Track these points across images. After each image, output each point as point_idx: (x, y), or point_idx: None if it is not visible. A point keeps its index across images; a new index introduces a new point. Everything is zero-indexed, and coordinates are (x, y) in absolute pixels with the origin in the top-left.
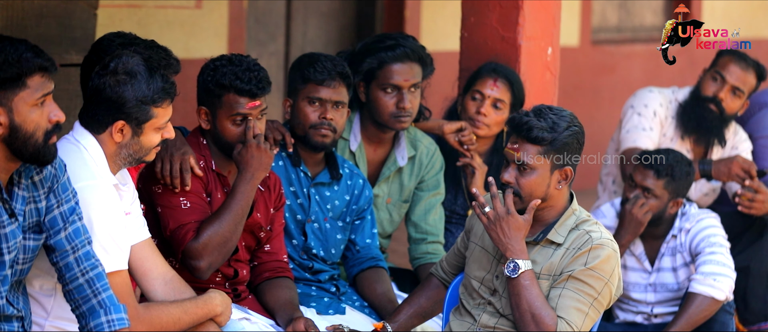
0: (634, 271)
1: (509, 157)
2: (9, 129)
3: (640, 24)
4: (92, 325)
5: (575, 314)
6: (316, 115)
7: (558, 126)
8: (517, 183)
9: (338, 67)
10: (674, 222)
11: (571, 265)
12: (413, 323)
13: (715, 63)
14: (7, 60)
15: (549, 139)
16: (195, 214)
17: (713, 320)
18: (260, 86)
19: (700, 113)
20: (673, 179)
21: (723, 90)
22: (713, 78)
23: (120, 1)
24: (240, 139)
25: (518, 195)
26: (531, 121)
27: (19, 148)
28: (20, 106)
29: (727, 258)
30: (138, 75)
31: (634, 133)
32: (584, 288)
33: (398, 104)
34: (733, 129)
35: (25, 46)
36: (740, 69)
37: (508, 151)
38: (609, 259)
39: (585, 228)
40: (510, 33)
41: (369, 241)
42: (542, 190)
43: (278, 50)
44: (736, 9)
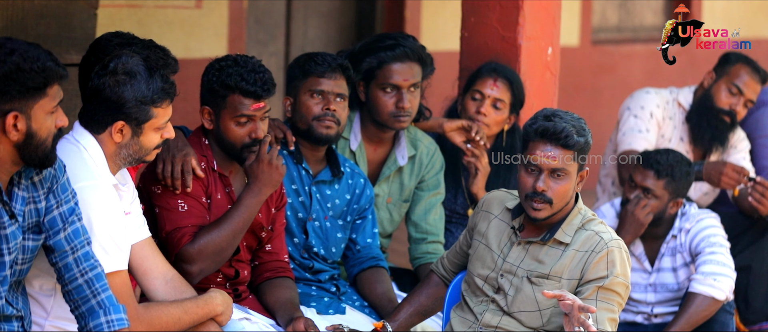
0: (634, 271)
1: (544, 166)
2: (25, 135)
3: (640, 24)
4: (91, 325)
5: (610, 324)
6: (319, 108)
7: (583, 129)
8: (552, 191)
9: (338, 59)
10: (674, 223)
11: (592, 272)
12: (413, 321)
13: (728, 71)
14: (33, 69)
15: (582, 143)
16: (192, 218)
17: (713, 320)
18: (265, 88)
19: (715, 124)
20: (674, 179)
21: (739, 104)
22: (730, 90)
23: (120, 1)
24: (243, 141)
25: (550, 203)
26: (567, 128)
27: (31, 153)
28: (39, 113)
29: (727, 258)
30: (137, 75)
31: (631, 136)
32: (613, 297)
33: (397, 104)
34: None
35: (46, 55)
36: (756, 82)
37: (544, 160)
38: (625, 262)
39: (593, 228)
40: (510, 33)
41: (370, 241)
42: (571, 194)
43: (278, 50)
44: (736, 9)
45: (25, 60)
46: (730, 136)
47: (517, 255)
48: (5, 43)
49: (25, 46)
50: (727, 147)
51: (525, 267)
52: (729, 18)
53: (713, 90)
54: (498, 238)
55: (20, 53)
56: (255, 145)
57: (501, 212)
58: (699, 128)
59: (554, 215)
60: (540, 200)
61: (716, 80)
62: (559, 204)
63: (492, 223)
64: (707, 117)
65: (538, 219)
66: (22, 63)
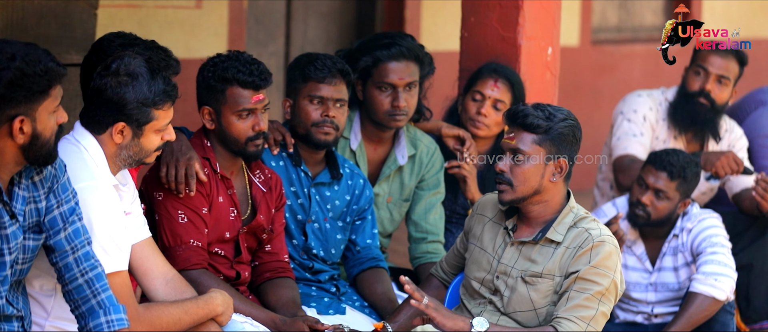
0: (635, 271)
1: (505, 147)
2: (30, 137)
3: (640, 24)
4: (92, 325)
5: (581, 311)
6: (318, 113)
7: (554, 117)
8: (511, 172)
9: (338, 64)
10: (676, 222)
11: (574, 265)
12: (413, 323)
13: (694, 59)
14: (36, 72)
15: (544, 127)
16: (190, 234)
17: (714, 320)
18: (262, 77)
19: (692, 109)
20: (685, 180)
21: (708, 81)
22: (696, 73)
23: (120, 1)
24: (247, 135)
25: (510, 185)
26: (527, 109)
27: (35, 153)
28: (43, 115)
29: (728, 258)
30: (139, 77)
31: (625, 140)
32: (590, 286)
33: (393, 102)
34: (728, 126)
35: (45, 55)
36: (720, 57)
37: (504, 140)
38: (611, 255)
39: (584, 226)
40: (510, 33)
41: (369, 242)
42: (536, 181)
43: (278, 50)
44: (736, 9)
45: (28, 64)
46: (718, 121)
47: (510, 255)
48: (2, 47)
49: (24, 49)
50: (725, 145)
51: (519, 267)
52: (729, 18)
53: (685, 80)
54: (492, 240)
55: (22, 57)
56: (259, 138)
57: (495, 215)
58: (677, 115)
59: (542, 210)
60: (500, 181)
61: (687, 71)
62: (522, 189)
63: (486, 226)
64: (682, 104)
65: (503, 202)
66: (25, 67)
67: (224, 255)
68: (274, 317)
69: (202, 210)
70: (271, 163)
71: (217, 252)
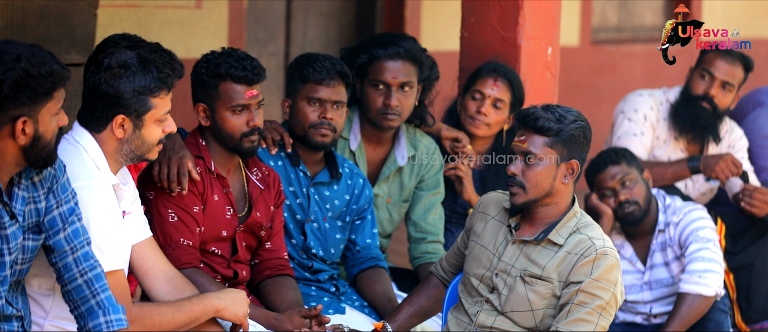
0: (627, 274)
1: (516, 150)
2: (32, 139)
3: (640, 24)
4: (91, 326)
5: (581, 325)
6: (315, 115)
7: (565, 118)
8: (523, 176)
9: (337, 66)
10: (658, 217)
11: (575, 275)
12: (413, 322)
13: (700, 61)
14: (41, 74)
15: (555, 129)
16: (180, 233)
17: (708, 319)
18: (255, 72)
19: (694, 112)
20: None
21: (713, 86)
22: (701, 76)
23: (120, 1)
24: (241, 130)
25: (522, 188)
26: (538, 111)
27: (36, 155)
28: (45, 117)
29: (713, 252)
30: (132, 67)
31: (625, 139)
32: (592, 300)
33: (385, 101)
34: (728, 127)
35: (50, 57)
36: (727, 63)
37: (516, 143)
38: (613, 268)
39: (587, 233)
40: (510, 33)
41: (369, 241)
42: (548, 183)
43: (278, 50)
44: (736, 9)
45: (33, 65)
46: (719, 125)
47: (511, 254)
48: (7, 47)
49: (29, 50)
50: (725, 145)
51: (519, 266)
52: (729, 18)
53: (690, 82)
54: (494, 238)
55: (27, 58)
56: (253, 133)
57: (498, 213)
58: (678, 117)
59: (549, 211)
60: (512, 183)
61: (692, 72)
62: (534, 192)
63: (489, 224)
64: (685, 106)
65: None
66: (30, 69)
67: (221, 254)
68: (269, 315)
69: (194, 208)
70: (269, 163)
71: (214, 251)
